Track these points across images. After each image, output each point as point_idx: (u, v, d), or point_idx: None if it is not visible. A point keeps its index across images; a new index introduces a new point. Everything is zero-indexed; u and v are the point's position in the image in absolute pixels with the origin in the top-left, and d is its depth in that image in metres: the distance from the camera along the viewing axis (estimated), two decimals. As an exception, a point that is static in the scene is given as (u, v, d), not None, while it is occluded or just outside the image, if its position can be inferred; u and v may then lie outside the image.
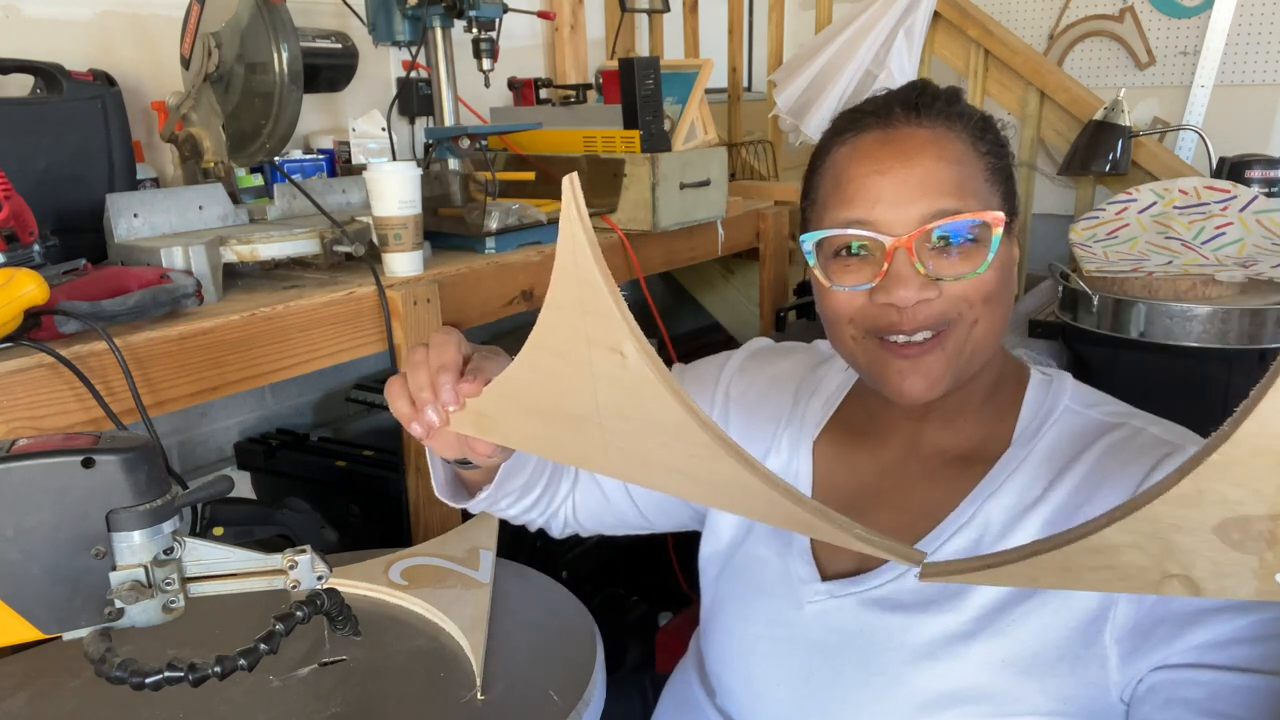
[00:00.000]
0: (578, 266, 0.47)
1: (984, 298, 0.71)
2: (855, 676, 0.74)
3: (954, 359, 0.72)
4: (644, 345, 0.48)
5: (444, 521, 1.29)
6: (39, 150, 1.21)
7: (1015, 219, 0.76)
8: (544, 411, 0.55)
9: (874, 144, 0.73)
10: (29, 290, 0.86)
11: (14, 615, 0.55)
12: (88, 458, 0.53)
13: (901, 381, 0.72)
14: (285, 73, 1.25)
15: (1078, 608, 0.68)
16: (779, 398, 0.89)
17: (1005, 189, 0.75)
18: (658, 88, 1.57)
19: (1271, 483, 0.39)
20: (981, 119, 0.75)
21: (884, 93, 0.77)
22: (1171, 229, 1.58)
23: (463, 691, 0.73)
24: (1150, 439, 0.71)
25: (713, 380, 0.93)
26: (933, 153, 0.71)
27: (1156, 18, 2.50)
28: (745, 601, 0.83)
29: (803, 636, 0.78)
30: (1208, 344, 1.39)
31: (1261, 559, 0.40)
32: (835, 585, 0.77)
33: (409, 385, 0.64)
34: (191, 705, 0.71)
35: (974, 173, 0.72)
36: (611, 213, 1.61)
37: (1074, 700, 0.68)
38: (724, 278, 2.35)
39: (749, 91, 2.97)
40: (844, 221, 0.72)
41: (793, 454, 0.85)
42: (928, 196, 0.69)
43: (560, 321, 0.50)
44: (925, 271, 0.69)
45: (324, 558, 0.61)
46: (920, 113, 0.73)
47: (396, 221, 1.21)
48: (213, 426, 1.63)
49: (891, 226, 0.70)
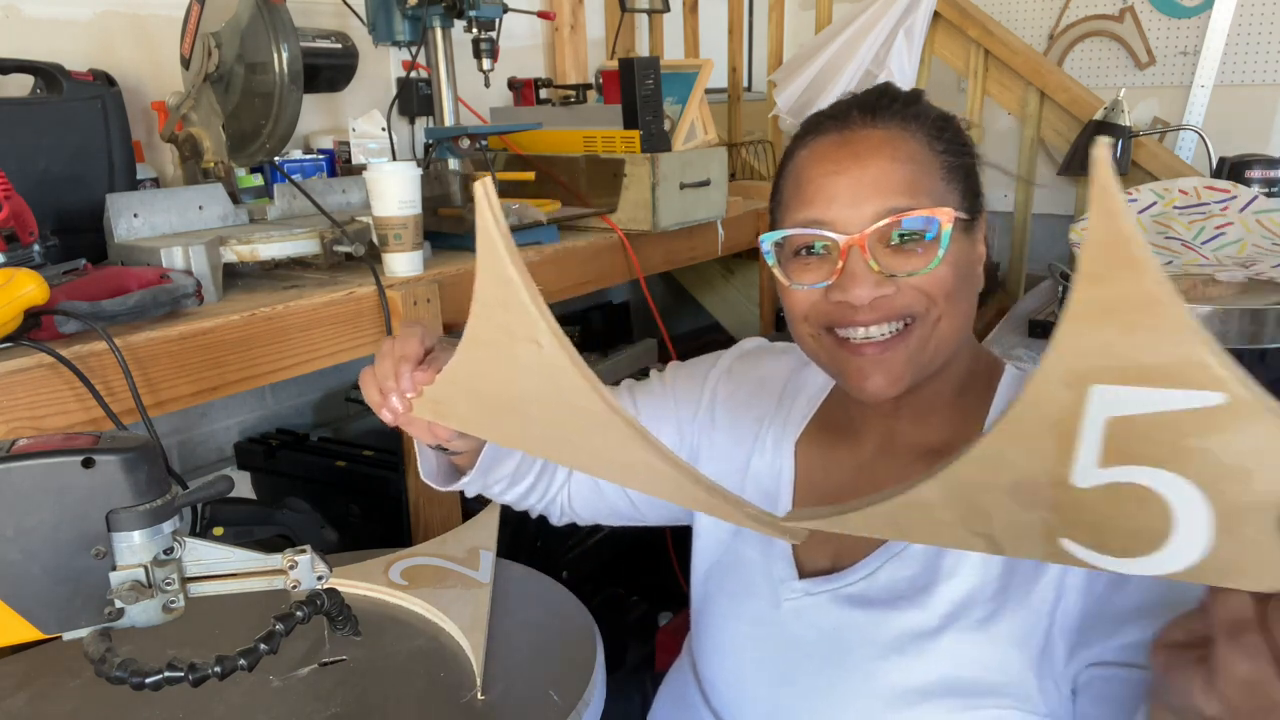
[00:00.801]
0: (495, 265, 0.51)
1: (945, 294, 0.72)
2: (830, 673, 0.76)
3: (916, 355, 0.73)
4: (558, 335, 0.52)
5: (444, 521, 1.29)
6: (39, 150, 1.21)
7: (978, 216, 0.77)
8: (482, 399, 0.59)
9: (831, 146, 0.75)
10: (29, 290, 0.86)
11: (14, 615, 0.55)
12: (88, 458, 0.53)
13: (863, 379, 0.74)
14: (285, 73, 1.25)
15: (1035, 604, 0.69)
16: (765, 398, 0.91)
17: (964, 187, 0.76)
18: (658, 88, 1.57)
19: (1049, 448, 0.40)
20: (939, 118, 0.77)
21: (848, 96, 0.79)
22: (1171, 229, 1.58)
23: (463, 691, 0.73)
24: None
25: (701, 379, 0.95)
26: (886, 153, 0.72)
27: (1156, 18, 2.50)
28: (730, 601, 0.85)
29: (782, 635, 0.80)
30: (1208, 344, 1.38)
31: (1045, 521, 0.42)
32: (810, 583, 0.79)
33: (376, 374, 0.69)
34: (191, 705, 0.71)
35: (928, 171, 0.73)
36: (611, 213, 1.61)
37: (1036, 693, 0.69)
38: (724, 278, 2.35)
39: (749, 91, 2.97)
40: (801, 221, 0.74)
41: (776, 453, 0.87)
42: (881, 195, 0.71)
43: (485, 316, 0.54)
44: (879, 269, 0.71)
45: (324, 558, 0.61)
46: (877, 115, 0.75)
47: (396, 221, 1.21)
48: (213, 426, 1.63)
49: (846, 225, 0.72)
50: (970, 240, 0.76)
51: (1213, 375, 0.36)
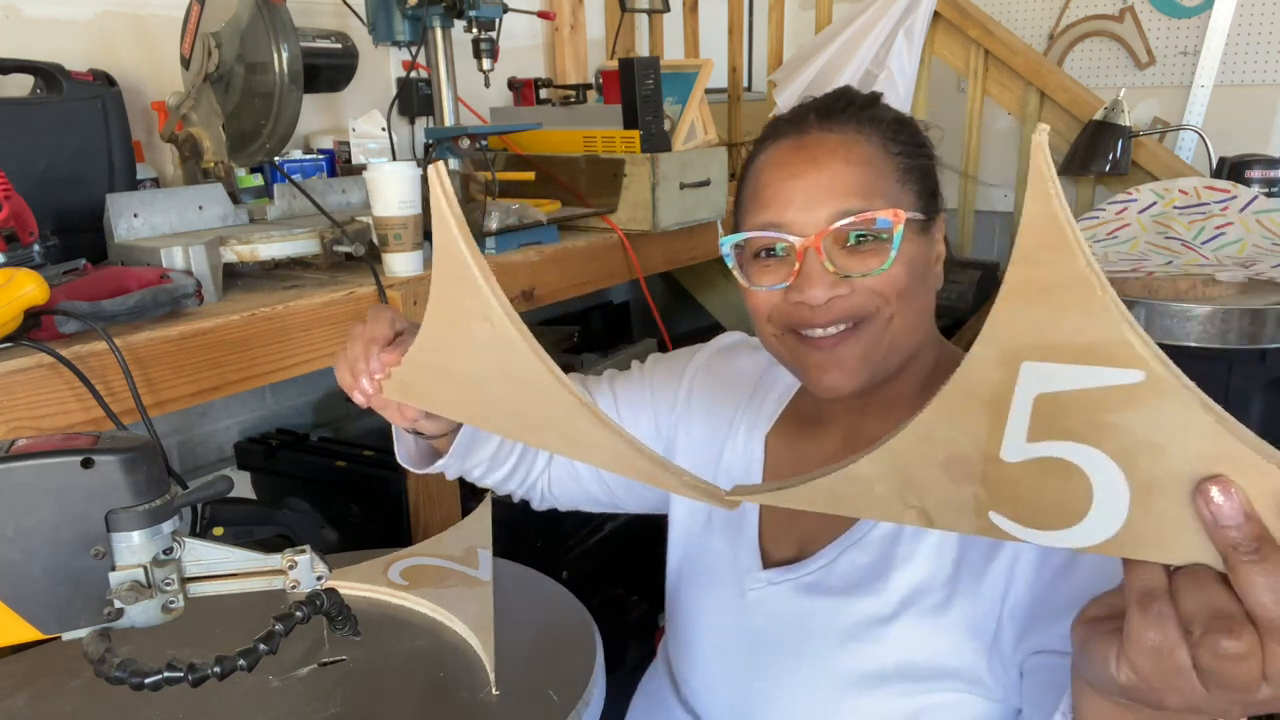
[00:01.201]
0: (449, 244, 0.54)
1: (897, 293, 0.73)
2: (789, 660, 0.78)
3: (870, 352, 0.75)
4: (509, 312, 0.54)
5: (444, 521, 1.29)
6: (39, 150, 1.21)
7: (935, 215, 0.79)
8: (446, 378, 0.61)
9: (788, 150, 0.77)
10: (29, 290, 0.86)
11: (14, 615, 0.55)
12: (87, 458, 0.53)
13: (820, 375, 0.76)
14: (285, 73, 1.25)
15: (986, 592, 0.71)
16: (739, 392, 0.94)
17: (920, 187, 0.77)
18: (658, 88, 1.57)
19: (981, 424, 0.42)
20: (896, 121, 0.78)
21: (809, 100, 0.81)
22: (1171, 229, 1.58)
23: (463, 691, 0.73)
24: None
25: (679, 373, 0.97)
26: (841, 156, 0.74)
27: (1156, 18, 2.50)
28: (698, 591, 0.88)
29: (746, 623, 0.82)
30: (1208, 344, 1.39)
31: (975, 495, 0.44)
32: (774, 573, 0.82)
33: (347, 357, 0.72)
34: (191, 705, 0.72)
35: (883, 173, 0.75)
36: (611, 213, 1.61)
37: (987, 676, 0.71)
38: (724, 278, 2.35)
39: (749, 91, 2.97)
40: (759, 225, 0.76)
41: (748, 443, 0.90)
42: (835, 198, 0.73)
43: (443, 296, 0.57)
44: (834, 269, 0.72)
45: (324, 558, 0.61)
46: (833, 118, 0.77)
47: (396, 221, 1.21)
48: (213, 426, 1.63)
49: (803, 228, 0.73)
50: (927, 239, 0.77)
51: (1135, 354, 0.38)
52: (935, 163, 0.81)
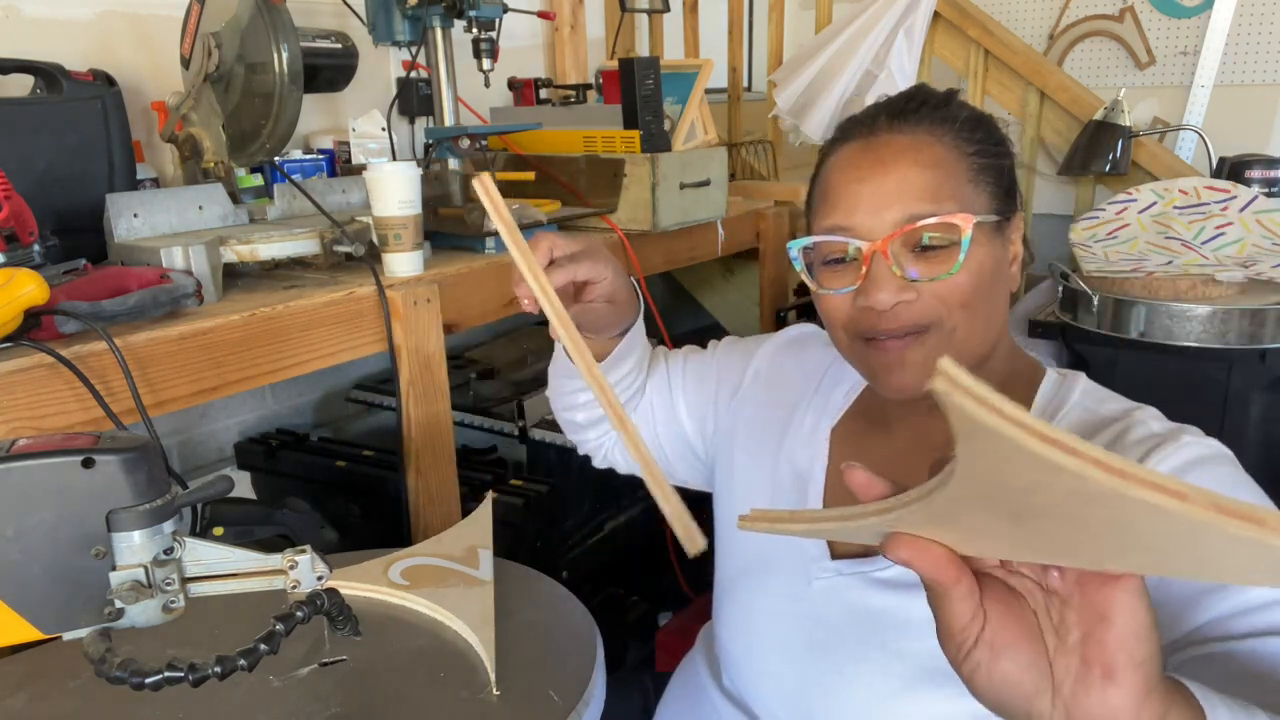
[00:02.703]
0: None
1: (960, 302, 0.72)
2: (855, 650, 0.77)
3: (936, 357, 0.73)
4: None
5: (444, 521, 1.29)
6: (39, 150, 1.21)
7: (1011, 216, 0.77)
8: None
9: (857, 153, 0.76)
10: (29, 290, 0.86)
11: (14, 615, 0.55)
12: (88, 458, 0.53)
13: (889, 377, 0.75)
14: (285, 73, 1.25)
15: None
16: (805, 382, 0.94)
17: (996, 188, 0.76)
18: (658, 88, 1.57)
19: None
20: (972, 118, 0.77)
21: (883, 100, 0.80)
22: (1171, 229, 1.58)
23: (463, 690, 0.73)
24: (1145, 432, 0.72)
25: (749, 355, 0.99)
26: (909, 159, 0.73)
27: (1156, 18, 2.49)
28: (758, 578, 0.86)
29: (809, 612, 0.81)
30: (1208, 344, 1.39)
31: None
32: (844, 564, 0.80)
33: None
34: (191, 705, 0.72)
35: (954, 175, 0.74)
36: (611, 213, 1.61)
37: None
38: (724, 278, 2.35)
39: (749, 91, 2.97)
40: (827, 229, 0.76)
41: (813, 435, 0.89)
42: (903, 201, 0.72)
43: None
44: (901, 274, 0.71)
45: (324, 558, 0.61)
46: (904, 119, 0.76)
47: (396, 221, 1.21)
48: (213, 426, 1.63)
49: (870, 232, 0.73)
50: (1002, 240, 0.76)
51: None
52: (1014, 161, 0.79)
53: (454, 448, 1.30)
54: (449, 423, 1.28)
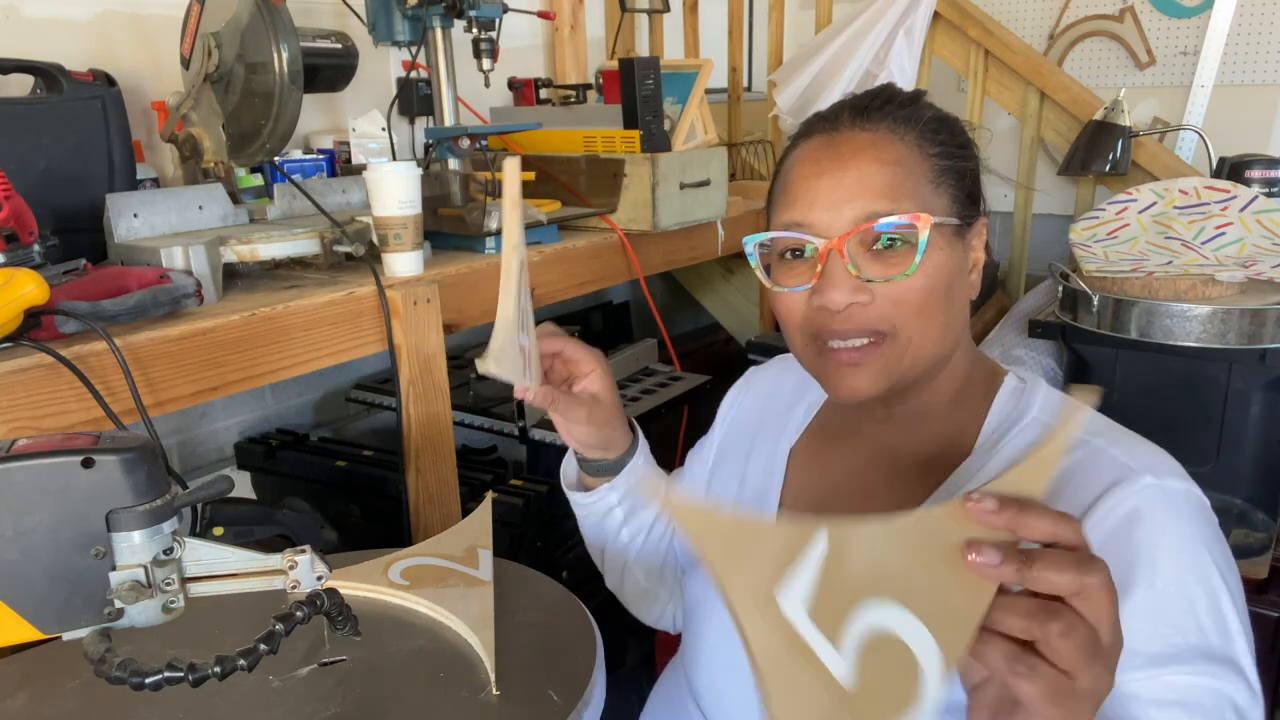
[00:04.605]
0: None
1: (915, 308, 0.70)
2: None
3: (891, 365, 0.72)
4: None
5: (444, 521, 1.29)
6: (39, 150, 1.21)
7: (973, 220, 0.75)
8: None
9: (818, 148, 0.74)
10: (29, 290, 0.86)
11: (14, 615, 0.55)
12: (88, 458, 0.53)
13: (839, 381, 0.73)
14: (285, 73, 1.25)
15: None
16: (773, 403, 0.94)
17: (957, 191, 0.74)
18: (658, 88, 1.57)
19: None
20: (936, 119, 0.75)
21: (849, 97, 0.79)
22: (1171, 229, 1.57)
23: (463, 690, 0.73)
24: (1107, 461, 0.69)
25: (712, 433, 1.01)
26: (870, 155, 0.71)
27: (1156, 18, 2.50)
28: (713, 604, 0.85)
29: None
30: (1208, 344, 1.39)
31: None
32: None
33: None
34: (191, 705, 0.71)
35: (914, 174, 0.71)
36: (611, 213, 1.61)
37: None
38: (724, 278, 2.35)
39: (749, 91, 2.97)
40: (783, 224, 0.74)
41: (772, 455, 0.88)
42: (861, 199, 0.70)
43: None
44: (857, 273, 0.70)
45: (324, 558, 0.61)
46: (868, 116, 0.74)
47: (396, 221, 1.21)
48: (213, 426, 1.63)
49: (828, 229, 0.71)
50: (962, 245, 0.74)
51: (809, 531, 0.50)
52: (979, 165, 0.77)
53: (454, 448, 1.30)
54: (449, 423, 1.28)
